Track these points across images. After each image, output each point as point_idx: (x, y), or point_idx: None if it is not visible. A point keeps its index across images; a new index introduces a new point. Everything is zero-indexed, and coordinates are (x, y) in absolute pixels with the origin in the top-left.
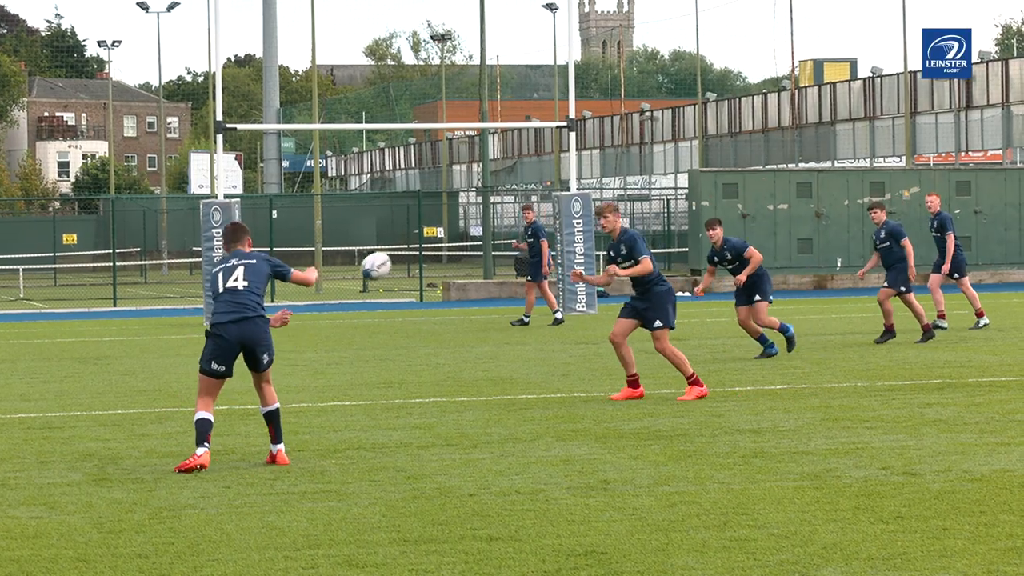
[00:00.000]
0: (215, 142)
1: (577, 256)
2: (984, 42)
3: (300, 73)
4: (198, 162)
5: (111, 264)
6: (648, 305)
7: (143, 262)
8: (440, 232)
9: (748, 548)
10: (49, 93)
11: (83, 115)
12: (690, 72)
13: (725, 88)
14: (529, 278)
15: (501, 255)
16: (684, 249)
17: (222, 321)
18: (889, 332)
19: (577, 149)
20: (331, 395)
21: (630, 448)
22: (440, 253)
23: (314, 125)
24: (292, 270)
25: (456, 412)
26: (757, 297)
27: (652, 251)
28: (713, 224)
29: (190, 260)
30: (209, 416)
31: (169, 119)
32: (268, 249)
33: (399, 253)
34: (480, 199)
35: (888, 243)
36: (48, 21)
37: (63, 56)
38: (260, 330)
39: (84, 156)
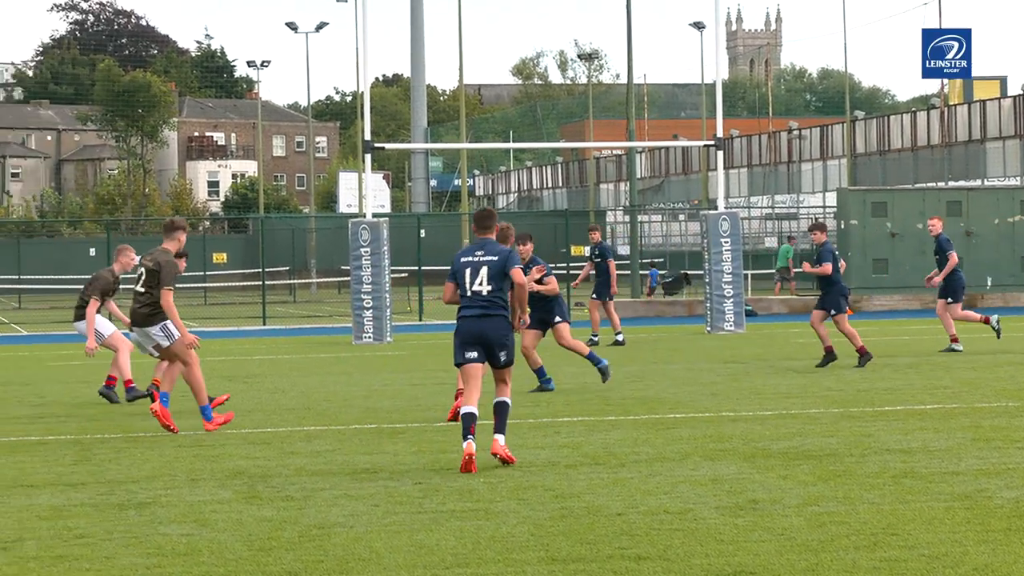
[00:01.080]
0: (363, 161)
1: (725, 275)
2: None
3: (447, 92)
4: (346, 181)
5: (260, 283)
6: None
7: (292, 281)
8: (587, 251)
9: (898, 569)
10: (199, 113)
11: (232, 135)
12: (838, 90)
13: (873, 106)
14: (594, 296)
15: (648, 274)
16: (799, 269)
17: (467, 316)
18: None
19: (724, 168)
20: (479, 414)
21: (779, 468)
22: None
23: (461, 144)
24: (516, 267)
25: (604, 431)
26: (557, 319)
27: (801, 268)
28: (524, 239)
29: (338, 279)
30: (474, 410)
31: (317, 139)
32: (416, 268)
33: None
34: (627, 218)
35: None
36: (198, 42)
37: (213, 76)
38: (500, 328)
39: (234, 175)
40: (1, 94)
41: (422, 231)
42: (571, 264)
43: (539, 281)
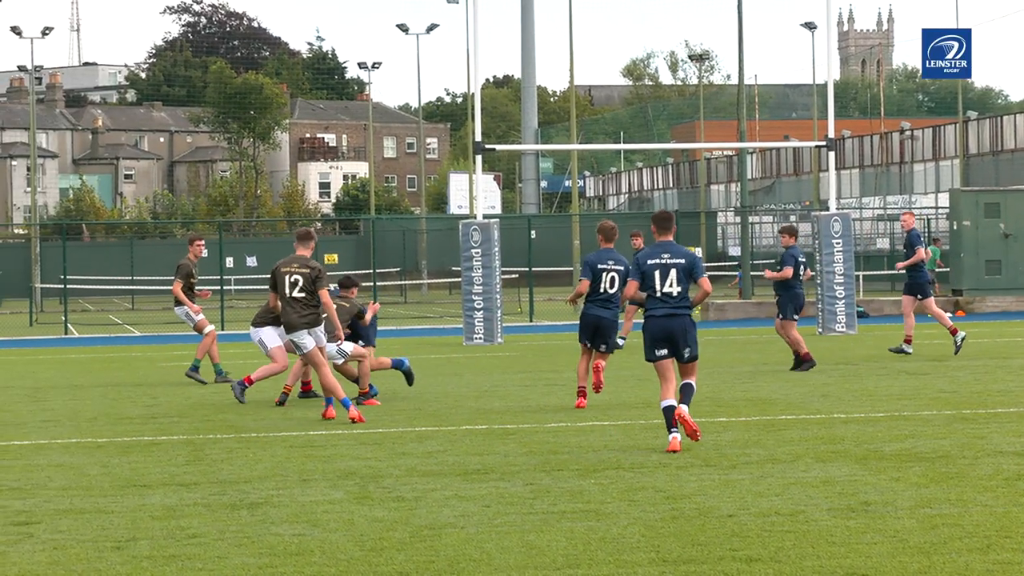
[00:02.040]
0: (474, 162)
1: (837, 276)
2: None
3: (558, 94)
4: (457, 182)
5: (371, 284)
6: None
7: (403, 282)
8: (698, 252)
9: (1011, 572)
10: (311, 115)
11: (344, 136)
12: (950, 90)
13: (986, 106)
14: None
15: (759, 275)
16: (945, 269)
17: (657, 315)
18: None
19: (836, 169)
20: (590, 415)
21: (891, 469)
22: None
23: (572, 146)
24: (704, 275)
25: (715, 432)
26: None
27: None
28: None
29: (449, 280)
30: (672, 402)
31: (428, 140)
32: (527, 269)
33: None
34: (738, 219)
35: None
36: (309, 44)
37: (324, 78)
38: (685, 326)
39: (345, 177)
40: (114, 96)
41: (533, 232)
42: None
43: None
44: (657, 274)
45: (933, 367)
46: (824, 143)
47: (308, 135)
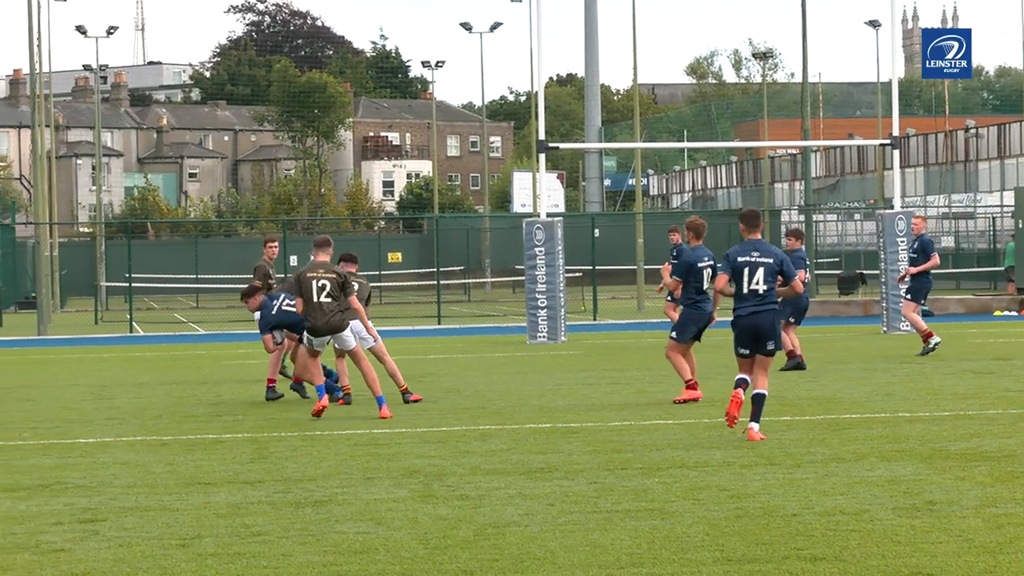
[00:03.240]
0: (537, 161)
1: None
2: None
3: (621, 92)
4: (520, 181)
5: (435, 282)
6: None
7: (466, 280)
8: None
9: None
10: (374, 114)
11: (407, 135)
12: (1015, 88)
13: None
14: (668, 299)
15: (823, 273)
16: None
17: (743, 314)
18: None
19: (900, 167)
20: (654, 413)
21: (956, 468)
22: None
23: (635, 144)
24: (796, 273)
25: (779, 431)
26: None
27: (977, 268)
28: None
29: (513, 278)
30: (747, 378)
31: (492, 138)
32: (591, 267)
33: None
34: (802, 217)
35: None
36: (373, 42)
37: (388, 77)
38: (771, 321)
39: (408, 175)
40: (179, 95)
41: (596, 231)
42: None
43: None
44: (746, 271)
45: (999, 366)
46: (888, 141)
47: (372, 134)
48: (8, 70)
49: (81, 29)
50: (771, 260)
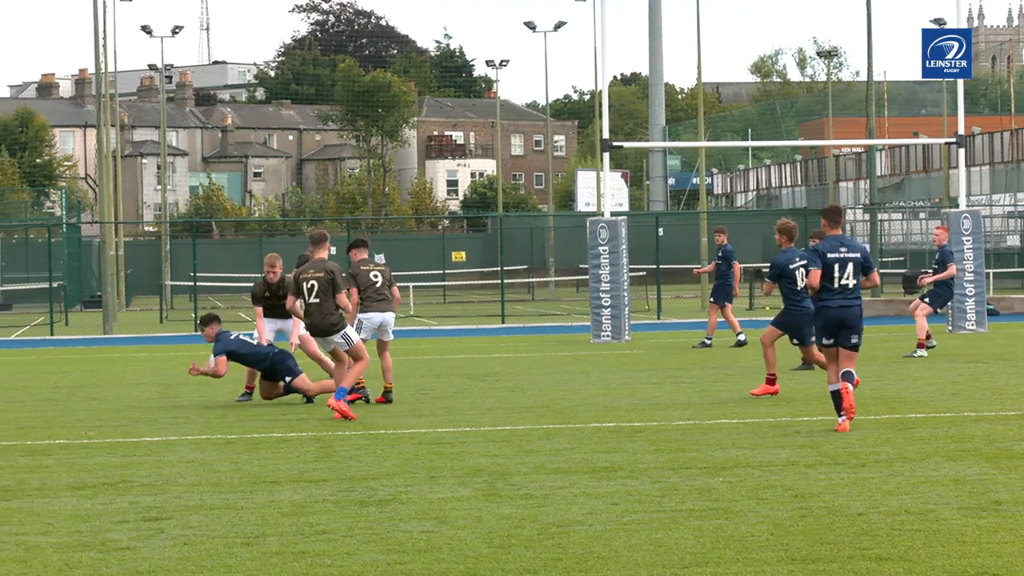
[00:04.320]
0: (601, 160)
1: (967, 274)
2: None
3: (686, 91)
4: (584, 180)
5: (499, 281)
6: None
7: (530, 279)
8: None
9: None
10: (438, 113)
11: (471, 134)
12: None
13: None
14: (712, 300)
15: (888, 272)
16: None
17: (832, 306)
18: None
19: (966, 165)
20: (718, 412)
21: (1022, 468)
22: None
23: (700, 143)
24: (875, 269)
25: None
26: None
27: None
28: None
29: (576, 277)
30: (839, 386)
31: (556, 137)
32: (655, 266)
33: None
34: (867, 216)
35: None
36: (437, 42)
37: (452, 76)
38: (855, 316)
39: (472, 174)
40: (243, 94)
41: (660, 229)
42: None
43: None
44: (836, 267)
45: None
46: (954, 140)
47: (436, 133)
48: (74, 70)
49: (146, 29)
50: (858, 255)
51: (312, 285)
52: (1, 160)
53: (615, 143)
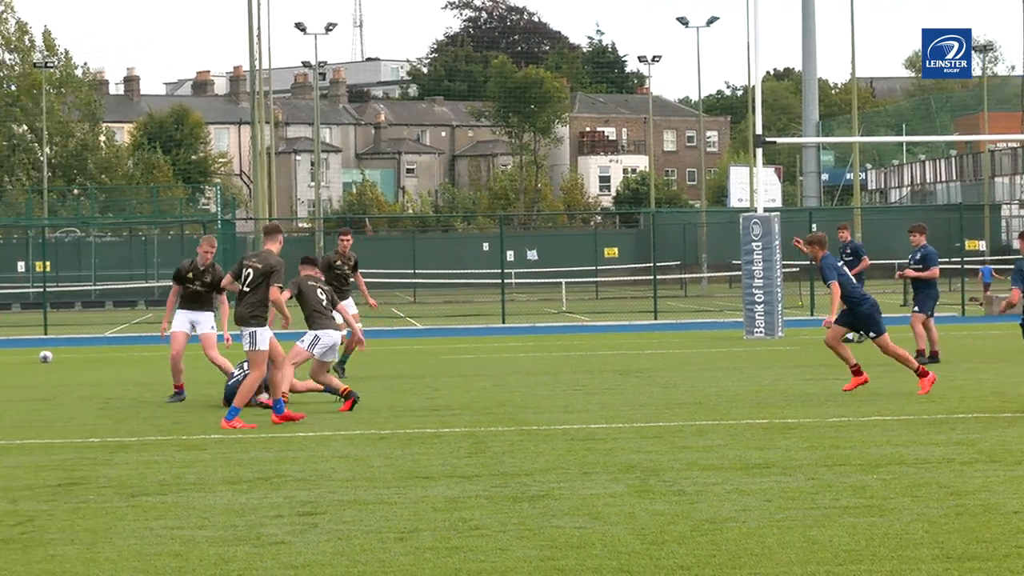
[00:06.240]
0: (754, 156)
1: None
2: None
3: (839, 86)
4: (737, 176)
5: (651, 277)
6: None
7: (682, 275)
8: (981, 245)
9: None
10: (590, 109)
11: (623, 130)
12: None
13: None
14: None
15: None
16: None
17: None
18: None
19: None
20: (872, 409)
21: None
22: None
23: (853, 138)
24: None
25: (1000, 428)
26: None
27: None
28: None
29: (729, 273)
30: None
31: (708, 133)
32: (808, 262)
33: (941, 266)
34: (1023, 212)
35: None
36: (589, 37)
37: (604, 72)
38: None
39: (624, 170)
40: (396, 91)
41: (814, 225)
42: (964, 259)
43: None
44: None
45: None
46: None
47: (588, 129)
48: (229, 67)
49: (300, 26)
50: None
51: (249, 273)
52: (156, 158)
53: (768, 139)
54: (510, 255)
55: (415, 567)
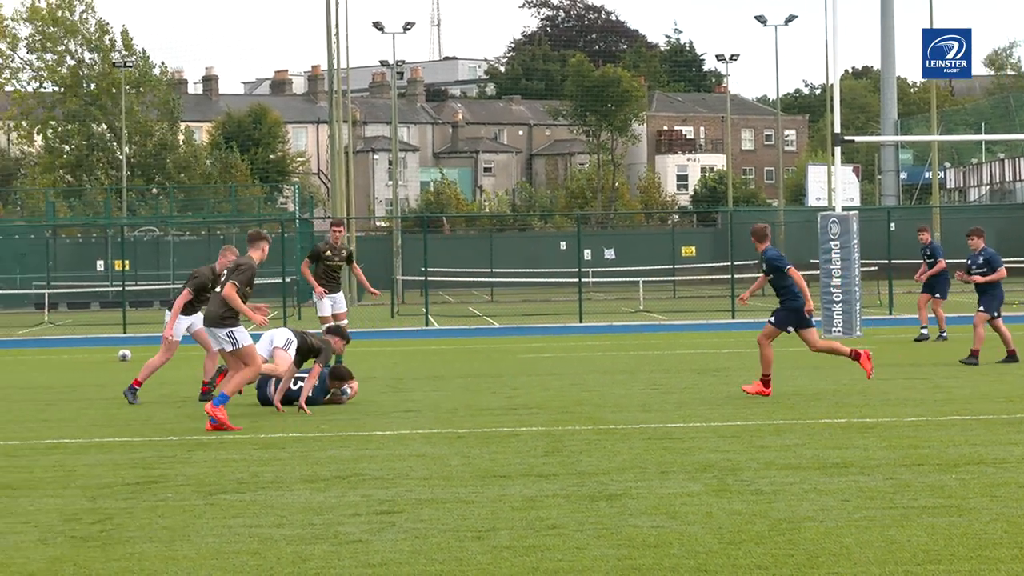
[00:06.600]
0: (832, 155)
1: None
2: None
3: (918, 84)
4: (815, 174)
5: (729, 276)
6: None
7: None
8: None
9: None
10: (668, 107)
11: (701, 129)
12: None
13: None
14: (937, 295)
15: None
16: None
17: None
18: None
19: None
20: (951, 409)
21: None
22: None
23: (932, 137)
24: None
25: None
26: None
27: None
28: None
29: (807, 272)
30: None
31: (786, 132)
32: (886, 261)
33: (1014, 266)
34: None
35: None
36: (667, 36)
37: (681, 70)
38: None
39: (702, 169)
40: (474, 90)
41: (892, 224)
42: None
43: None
44: None
45: None
46: None
47: (666, 127)
48: (307, 67)
49: (378, 25)
50: None
51: (223, 274)
52: (234, 157)
53: (846, 137)
54: (587, 254)
55: (492, 566)
